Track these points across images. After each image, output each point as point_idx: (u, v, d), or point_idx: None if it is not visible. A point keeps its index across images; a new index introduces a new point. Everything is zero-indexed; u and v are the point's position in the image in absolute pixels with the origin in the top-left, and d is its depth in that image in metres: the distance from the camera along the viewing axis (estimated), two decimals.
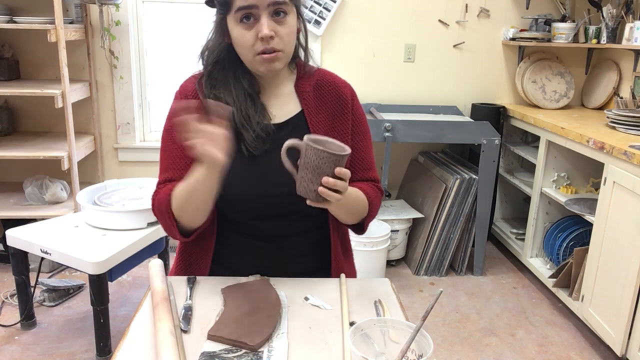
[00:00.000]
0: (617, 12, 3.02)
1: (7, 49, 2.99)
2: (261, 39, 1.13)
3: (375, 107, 3.25)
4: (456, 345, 2.41)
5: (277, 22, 1.14)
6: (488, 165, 2.93)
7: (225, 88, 1.22)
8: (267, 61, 1.15)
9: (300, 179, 1.04)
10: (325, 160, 1.00)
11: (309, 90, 1.29)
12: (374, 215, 1.29)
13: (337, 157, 1.00)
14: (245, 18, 1.13)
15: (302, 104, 1.27)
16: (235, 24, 1.15)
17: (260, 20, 1.13)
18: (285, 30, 1.15)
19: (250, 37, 1.14)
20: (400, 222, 3.05)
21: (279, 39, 1.14)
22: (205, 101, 1.13)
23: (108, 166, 3.29)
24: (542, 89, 3.26)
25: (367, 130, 1.34)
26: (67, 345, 2.31)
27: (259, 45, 1.14)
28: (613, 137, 2.41)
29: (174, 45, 3.23)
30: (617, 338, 2.18)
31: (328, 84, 1.31)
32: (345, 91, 1.31)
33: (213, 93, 1.21)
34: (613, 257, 2.23)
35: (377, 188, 1.32)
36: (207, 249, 1.29)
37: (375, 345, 0.93)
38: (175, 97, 1.28)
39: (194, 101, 1.19)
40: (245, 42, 1.15)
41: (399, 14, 3.23)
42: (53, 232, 2.28)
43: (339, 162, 1.01)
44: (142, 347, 0.99)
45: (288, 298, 1.16)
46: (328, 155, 1.00)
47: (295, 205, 1.22)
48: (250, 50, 1.15)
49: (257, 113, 1.21)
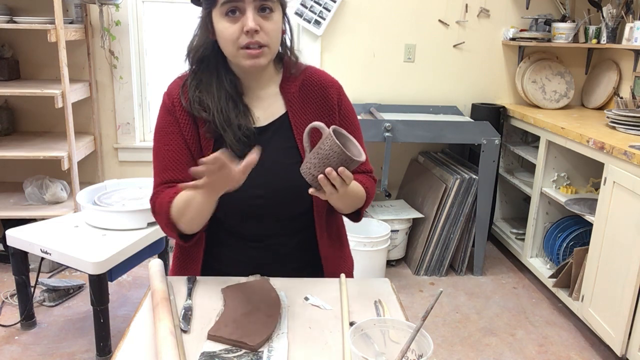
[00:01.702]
0: (617, 12, 3.02)
1: (7, 49, 2.99)
2: (246, 32, 1.13)
3: (375, 107, 3.25)
4: (456, 345, 2.41)
5: (262, 18, 1.15)
6: (488, 165, 2.93)
7: (207, 90, 1.21)
8: (252, 56, 1.15)
9: (307, 160, 1.05)
10: (336, 154, 1.02)
11: (294, 91, 1.28)
12: (369, 203, 1.31)
13: (348, 158, 1.02)
14: (230, 12, 1.14)
15: (287, 105, 1.27)
16: (220, 18, 1.15)
17: (245, 14, 1.13)
18: (270, 26, 1.15)
19: (235, 31, 1.14)
20: (400, 222, 3.05)
21: (264, 33, 1.15)
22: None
23: (108, 166, 3.29)
24: (542, 89, 3.26)
25: (357, 127, 1.34)
26: (67, 345, 2.31)
27: (243, 39, 1.14)
28: (613, 137, 2.41)
29: (174, 45, 3.23)
30: (617, 338, 2.18)
31: (314, 84, 1.29)
32: (332, 92, 1.29)
33: (196, 95, 1.21)
34: (613, 257, 2.23)
35: (372, 178, 1.34)
36: (199, 247, 1.30)
37: (375, 345, 0.93)
38: (163, 99, 1.27)
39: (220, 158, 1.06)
40: (229, 35, 1.15)
41: (399, 14, 3.23)
42: (53, 232, 2.28)
43: (347, 163, 1.02)
44: (142, 347, 0.99)
45: (288, 298, 1.16)
46: (341, 152, 1.01)
47: (279, 206, 1.24)
48: (234, 44, 1.15)
49: (238, 116, 1.20)
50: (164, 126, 1.25)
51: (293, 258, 1.32)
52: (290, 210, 1.27)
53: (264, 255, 1.30)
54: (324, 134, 1.04)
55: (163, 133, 1.24)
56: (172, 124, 1.23)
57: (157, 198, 1.21)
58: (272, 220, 1.27)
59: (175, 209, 1.16)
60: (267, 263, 1.29)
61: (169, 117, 1.24)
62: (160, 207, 1.19)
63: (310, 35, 3.18)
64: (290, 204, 1.25)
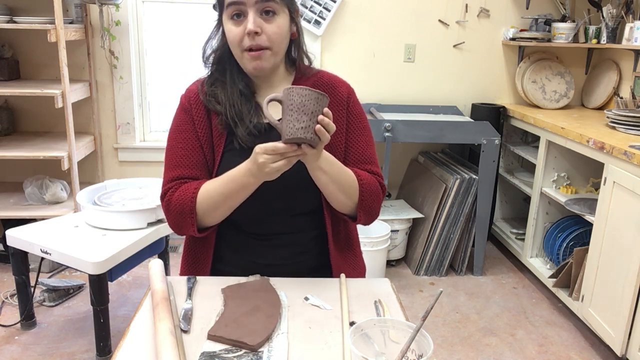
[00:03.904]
0: (617, 12, 3.02)
1: (7, 49, 2.99)
2: (247, 34, 1.16)
3: (375, 107, 3.25)
4: (456, 345, 2.41)
5: (265, 21, 1.17)
6: (488, 165, 2.93)
7: (222, 86, 1.26)
8: (254, 58, 1.18)
9: (285, 124, 1.04)
10: (308, 97, 1.03)
11: None
12: (368, 200, 1.23)
13: (318, 94, 1.03)
14: (235, 15, 1.18)
15: None
16: (227, 21, 1.20)
17: (247, 17, 1.16)
18: (272, 29, 1.18)
19: (239, 33, 1.17)
20: (400, 222, 3.05)
21: (265, 36, 1.17)
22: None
23: (108, 166, 3.29)
24: (542, 89, 3.26)
25: (367, 128, 1.33)
26: (67, 345, 2.31)
27: (246, 41, 1.17)
28: (613, 137, 2.41)
29: (174, 45, 3.23)
30: (617, 338, 2.18)
31: (324, 84, 1.32)
32: (341, 89, 1.32)
33: (212, 89, 1.26)
34: (613, 257, 2.23)
35: (375, 179, 1.27)
36: (209, 246, 1.30)
37: (375, 345, 0.93)
38: (180, 100, 1.31)
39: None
40: (233, 37, 1.19)
41: (399, 14, 3.23)
42: (53, 232, 2.28)
43: (320, 101, 1.03)
44: (142, 347, 0.99)
45: (288, 298, 1.16)
46: (310, 93, 1.02)
47: (289, 202, 1.25)
48: (239, 47, 1.19)
49: (250, 111, 1.24)
50: (179, 124, 1.28)
51: (303, 261, 1.32)
52: (301, 206, 1.28)
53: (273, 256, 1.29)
54: (284, 96, 1.04)
55: (178, 131, 1.27)
56: (187, 122, 1.27)
57: (176, 193, 1.21)
58: (282, 217, 1.27)
59: (209, 200, 1.18)
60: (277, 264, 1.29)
61: (185, 116, 1.27)
62: (183, 200, 1.19)
63: (310, 35, 3.18)
64: (301, 199, 1.26)
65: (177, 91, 1.37)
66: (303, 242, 1.32)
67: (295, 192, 1.25)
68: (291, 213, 1.28)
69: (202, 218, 1.21)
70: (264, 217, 1.27)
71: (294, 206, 1.27)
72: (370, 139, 1.33)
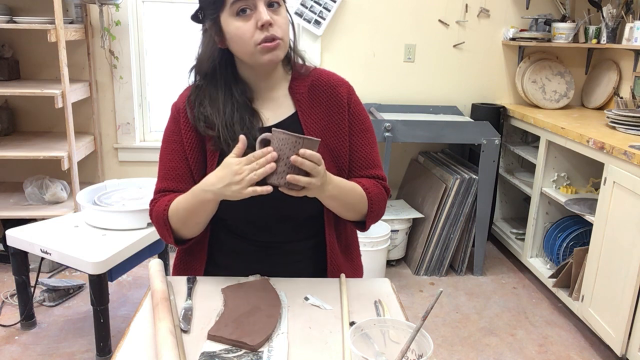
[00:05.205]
0: (617, 12, 3.02)
1: (7, 49, 2.99)
2: (262, 26, 1.13)
3: (375, 107, 3.25)
4: (456, 345, 2.41)
5: (272, 12, 1.16)
6: (488, 165, 2.93)
7: (212, 105, 1.21)
8: (270, 49, 1.15)
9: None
10: (285, 142, 1.00)
11: (303, 91, 1.27)
12: (376, 211, 1.24)
13: (298, 139, 1.00)
14: (241, 11, 1.14)
15: (296, 105, 1.26)
16: (232, 19, 1.15)
17: (258, 9, 1.14)
18: (281, 20, 1.17)
19: (250, 28, 1.14)
20: (400, 222, 3.05)
21: (277, 26, 1.16)
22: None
23: (108, 166, 3.29)
24: (542, 89, 3.26)
25: (369, 128, 1.31)
26: (67, 345, 2.31)
27: (259, 35, 1.14)
28: (613, 137, 2.41)
29: (174, 45, 3.23)
30: (617, 338, 2.18)
31: (323, 84, 1.29)
32: (341, 90, 1.29)
33: (201, 112, 1.21)
34: (613, 257, 2.23)
35: (381, 185, 1.27)
36: (201, 249, 1.30)
37: (375, 345, 0.93)
38: (171, 108, 1.30)
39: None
40: (244, 33, 1.14)
41: (399, 14, 3.23)
42: (53, 232, 2.28)
43: (299, 145, 1.00)
44: (142, 347, 0.99)
45: (288, 298, 1.16)
46: (289, 137, 1.00)
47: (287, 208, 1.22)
48: (251, 41, 1.15)
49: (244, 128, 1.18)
50: (169, 135, 1.28)
51: (301, 265, 1.31)
52: (300, 212, 1.25)
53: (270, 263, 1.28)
54: (271, 139, 1.02)
55: (168, 141, 1.27)
56: (175, 133, 1.26)
57: (155, 205, 1.24)
58: (281, 224, 1.26)
59: (176, 215, 1.18)
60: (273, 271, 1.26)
61: (174, 126, 1.27)
62: (158, 213, 1.21)
63: (310, 35, 3.18)
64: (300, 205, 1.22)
65: (177, 91, 1.34)
66: (301, 250, 1.30)
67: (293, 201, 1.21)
68: (289, 221, 1.26)
69: (177, 231, 1.21)
70: (261, 225, 1.26)
71: (292, 214, 1.25)
72: (373, 141, 1.31)
